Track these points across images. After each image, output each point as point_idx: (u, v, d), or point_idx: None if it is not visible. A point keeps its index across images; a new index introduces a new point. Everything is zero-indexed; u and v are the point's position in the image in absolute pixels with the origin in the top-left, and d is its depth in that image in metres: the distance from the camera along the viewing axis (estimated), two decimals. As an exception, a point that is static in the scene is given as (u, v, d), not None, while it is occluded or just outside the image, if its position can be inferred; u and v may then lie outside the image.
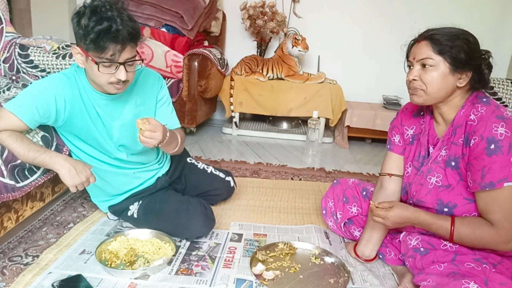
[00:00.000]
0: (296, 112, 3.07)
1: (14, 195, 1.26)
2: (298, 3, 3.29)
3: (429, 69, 1.14)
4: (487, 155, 1.07)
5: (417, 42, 1.19)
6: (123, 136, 1.45)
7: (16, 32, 2.16)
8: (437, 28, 1.17)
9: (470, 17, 3.19)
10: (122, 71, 1.24)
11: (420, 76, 1.16)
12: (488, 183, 1.07)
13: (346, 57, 3.34)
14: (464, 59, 1.11)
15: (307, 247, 1.47)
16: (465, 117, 1.15)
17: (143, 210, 1.53)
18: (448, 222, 1.14)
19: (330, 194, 1.58)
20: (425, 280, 1.11)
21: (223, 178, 1.78)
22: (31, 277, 1.24)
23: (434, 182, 1.22)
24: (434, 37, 1.14)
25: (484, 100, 1.14)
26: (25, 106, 1.26)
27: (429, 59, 1.14)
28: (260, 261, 1.36)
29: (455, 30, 1.15)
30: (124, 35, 1.19)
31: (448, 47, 1.12)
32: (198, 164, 1.78)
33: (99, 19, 1.17)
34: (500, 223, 1.07)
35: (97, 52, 1.19)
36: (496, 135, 1.05)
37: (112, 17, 1.18)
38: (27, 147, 1.25)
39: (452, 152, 1.18)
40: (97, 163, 1.47)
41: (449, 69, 1.13)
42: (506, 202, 1.06)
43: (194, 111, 2.84)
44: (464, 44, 1.12)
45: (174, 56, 2.75)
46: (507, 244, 1.08)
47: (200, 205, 1.51)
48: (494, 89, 2.22)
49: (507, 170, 1.04)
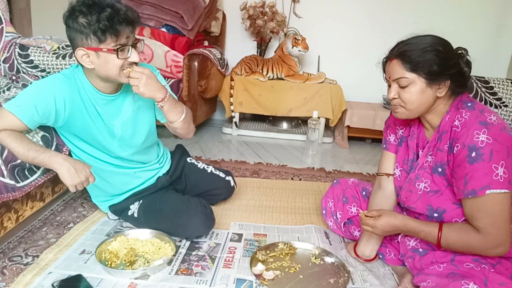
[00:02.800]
0: (296, 112, 3.07)
1: (14, 195, 1.26)
2: (298, 3, 3.29)
3: (406, 87, 1.14)
4: (468, 163, 1.06)
5: (389, 60, 1.19)
6: (125, 133, 1.45)
7: (16, 32, 2.16)
8: (406, 41, 1.16)
9: (470, 17, 3.20)
10: (135, 53, 1.28)
11: (398, 94, 1.17)
12: (470, 190, 1.07)
13: (346, 57, 3.34)
14: (438, 71, 1.11)
15: (307, 247, 1.47)
16: (450, 123, 1.15)
17: (143, 210, 1.53)
18: (436, 229, 1.14)
19: (330, 194, 1.59)
20: (425, 281, 1.11)
21: (223, 178, 1.78)
22: (31, 277, 1.24)
23: (422, 188, 1.22)
24: (404, 54, 1.13)
25: (468, 105, 1.13)
26: (24, 106, 1.26)
27: (403, 78, 1.14)
28: (260, 261, 1.36)
29: (424, 42, 1.13)
30: (131, 16, 1.23)
31: (419, 63, 1.11)
32: (198, 164, 1.78)
33: (101, 9, 1.18)
34: (486, 229, 1.06)
35: (113, 38, 1.21)
36: (477, 142, 1.05)
37: (111, 5, 1.20)
38: (27, 147, 1.25)
39: (438, 158, 1.18)
40: (98, 163, 1.47)
41: (426, 84, 1.12)
42: (490, 208, 1.05)
43: (194, 111, 2.83)
44: (435, 56, 1.11)
45: (174, 56, 2.75)
46: (494, 249, 1.07)
47: (200, 205, 1.51)
48: (494, 89, 2.22)
49: (489, 178, 1.04)
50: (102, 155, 1.48)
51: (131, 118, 1.45)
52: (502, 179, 1.03)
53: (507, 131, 1.07)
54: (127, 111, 1.44)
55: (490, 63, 3.26)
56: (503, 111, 2.19)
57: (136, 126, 1.48)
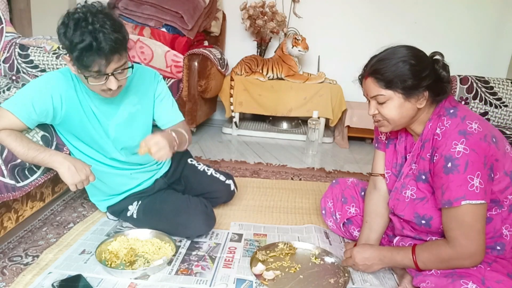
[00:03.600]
0: (296, 112, 3.07)
1: (14, 195, 1.26)
2: (298, 3, 3.29)
3: (384, 103, 1.14)
4: (444, 174, 1.07)
5: (364, 78, 1.19)
6: (119, 135, 1.45)
7: (16, 32, 2.16)
8: (379, 56, 1.15)
9: (470, 17, 3.20)
10: (112, 81, 1.23)
11: (378, 110, 1.17)
12: (446, 201, 1.07)
13: (346, 57, 3.34)
14: (413, 84, 1.10)
15: (307, 247, 1.47)
16: (432, 131, 1.14)
17: (143, 210, 1.53)
18: (409, 251, 1.15)
19: (329, 194, 1.59)
20: (424, 282, 1.11)
21: (223, 181, 1.74)
22: (31, 277, 1.24)
23: (409, 195, 1.22)
24: (377, 72, 1.13)
25: (451, 112, 1.12)
26: (21, 104, 1.26)
27: (380, 95, 1.14)
28: (260, 261, 1.36)
29: (396, 56, 1.12)
30: (106, 50, 1.15)
31: (393, 80, 1.10)
32: (198, 166, 1.75)
33: (81, 34, 1.13)
34: (457, 240, 1.06)
35: (83, 68, 1.18)
36: (453, 153, 1.05)
37: (94, 31, 1.13)
38: (27, 146, 1.25)
39: (421, 167, 1.19)
40: (94, 163, 1.47)
41: (403, 98, 1.12)
42: (463, 219, 1.05)
43: (194, 111, 2.84)
44: (408, 70, 1.10)
45: (174, 56, 2.75)
46: (465, 260, 1.07)
47: (200, 204, 1.51)
48: (494, 89, 2.22)
49: (464, 189, 1.04)
50: (98, 155, 1.47)
51: (127, 120, 1.45)
52: (477, 189, 1.03)
53: (487, 140, 1.06)
54: (123, 113, 1.44)
55: (490, 63, 3.27)
56: (503, 111, 2.19)
57: (131, 128, 1.47)
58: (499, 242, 1.12)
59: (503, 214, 1.11)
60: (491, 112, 2.20)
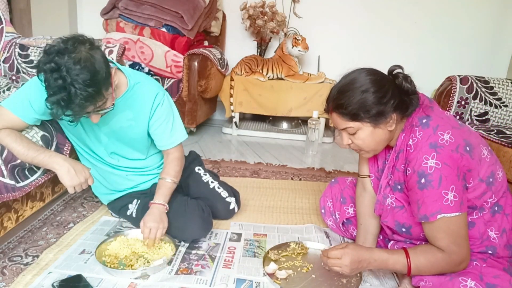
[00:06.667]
0: (296, 112, 3.07)
1: (14, 195, 1.26)
2: (298, 3, 3.29)
3: (355, 133, 1.14)
4: (419, 189, 1.07)
5: (329, 112, 1.18)
6: (111, 141, 1.45)
7: (16, 32, 2.16)
8: (338, 88, 1.15)
9: (470, 17, 3.20)
10: (93, 117, 1.22)
11: (351, 140, 1.17)
12: (423, 215, 1.07)
13: (346, 57, 3.33)
14: (378, 111, 1.10)
15: (319, 247, 1.47)
16: (405, 141, 1.14)
17: (142, 210, 1.52)
18: (403, 255, 1.12)
19: (328, 194, 1.59)
20: (422, 280, 1.12)
21: (224, 198, 1.66)
22: (31, 277, 1.24)
23: (389, 203, 1.23)
24: (340, 107, 1.13)
25: (423, 122, 1.11)
26: (19, 102, 1.28)
27: (348, 127, 1.14)
28: (273, 261, 1.36)
29: (355, 86, 1.11)
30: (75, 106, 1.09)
31: (357, 112, 1.10)
32: (204, 176, 1.68)
33: (53, 87, 1.07)
34: (449, 248, 1.06)
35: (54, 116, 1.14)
36: (426, 168, 1.05)
37: (64, 87, 1.06)
38: (27, 146, 1.25)
39: (396, 177, 1.19)
40: (95, 158, 1.49)
41: (372, 126, 1.12)
42: (448, 229, 1.06)
43: (194, 111, 2.84)
44: (368, 100, 1.09)
45: (174, 56, 2.75)
46: (458, 266, 1.07)
47: (197, 208, 1.50)
48: (494, 89, 2.21)
49: (439, 203, 1.04)
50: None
51: (118, 132, 1.42)
52: (452, 203, 1.04)
53: (459, 150, 1.05)
54: (115, 125, 1.41)
55: (490, 63, 3.27)
56: (503, 111, 2.19)
57: (123, 140, 1.46)
58: (489, 246, 1.13)
59: (485, 217, 1.12)
60: (491, 112, 2.19)
